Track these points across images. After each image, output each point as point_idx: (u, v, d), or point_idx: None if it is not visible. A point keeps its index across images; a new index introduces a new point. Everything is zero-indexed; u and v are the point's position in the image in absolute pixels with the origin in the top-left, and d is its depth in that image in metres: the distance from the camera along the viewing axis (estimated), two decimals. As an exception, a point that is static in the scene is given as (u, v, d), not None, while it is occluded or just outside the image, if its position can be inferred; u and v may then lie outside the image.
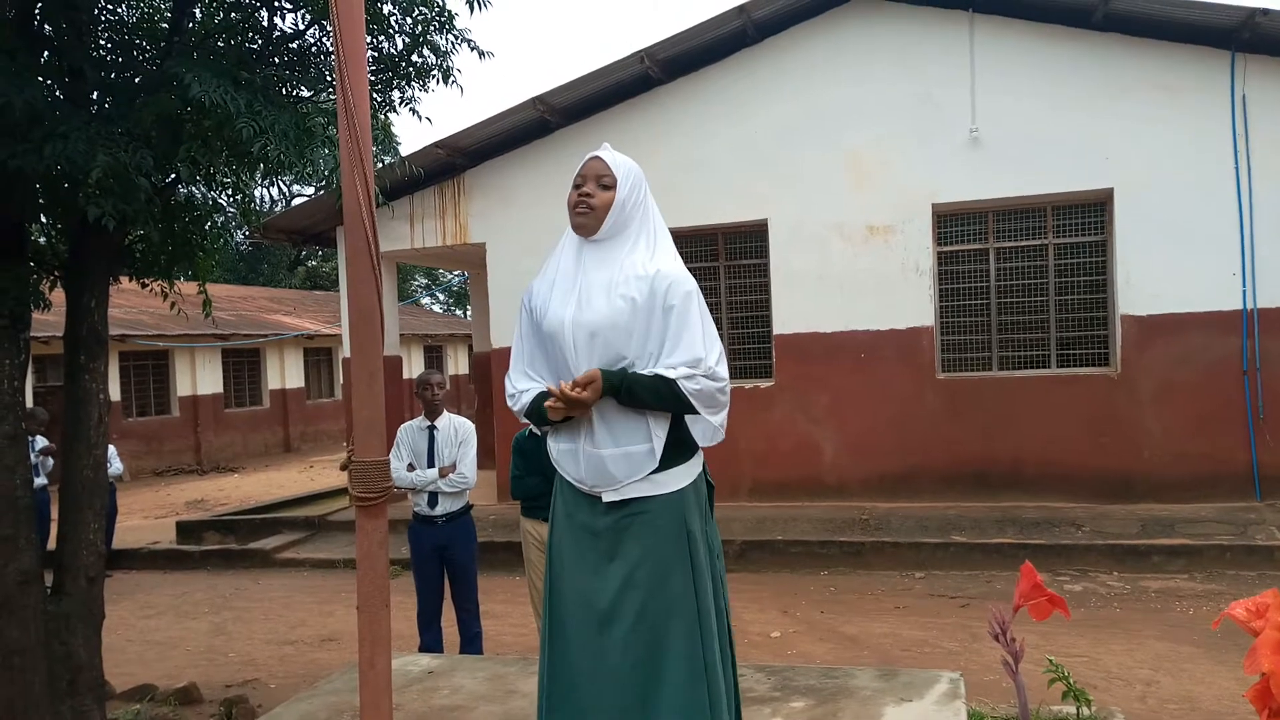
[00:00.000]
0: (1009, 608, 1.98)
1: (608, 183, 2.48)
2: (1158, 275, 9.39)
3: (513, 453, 5.06)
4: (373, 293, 2.32)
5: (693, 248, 10.69)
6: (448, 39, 4.84)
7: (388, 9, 4.69)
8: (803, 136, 10.34)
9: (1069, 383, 9.79)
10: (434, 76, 4.92)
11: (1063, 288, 9.93)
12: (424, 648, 5.47)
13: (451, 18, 4.81)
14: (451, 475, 5.44)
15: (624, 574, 2.41)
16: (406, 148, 14.52)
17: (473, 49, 4.99)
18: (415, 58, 4.85)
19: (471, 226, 11.53)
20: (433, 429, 5.53)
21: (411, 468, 5.48)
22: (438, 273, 35.07)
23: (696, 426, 2.49)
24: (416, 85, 4.96)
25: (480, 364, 14.57)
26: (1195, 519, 8.77)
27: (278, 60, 4.82)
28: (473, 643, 5.61)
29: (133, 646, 7.27)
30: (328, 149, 4.15)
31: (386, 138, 5.49)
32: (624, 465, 2.41)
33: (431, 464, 5.47)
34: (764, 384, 10.56)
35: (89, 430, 4.54)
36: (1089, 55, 9.55)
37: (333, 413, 23.84)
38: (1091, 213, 9.84)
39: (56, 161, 3.71)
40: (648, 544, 2.41)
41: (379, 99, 4.94)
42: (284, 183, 5.40)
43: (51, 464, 7.99)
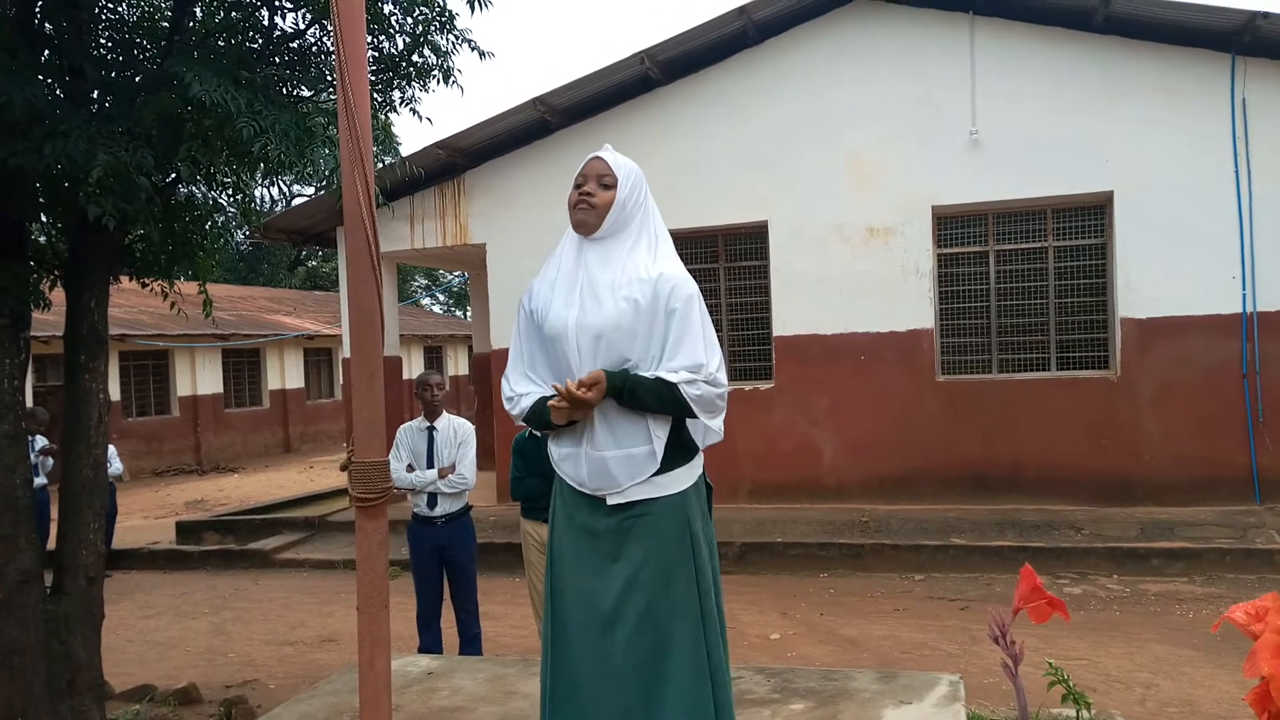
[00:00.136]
0: (1008, 610, 1.98)
1: (609, 182, 2.48)
2: (1158, 278, 9.39)
3: (513, 454, 5.06)
4: (373, 293, 2.32)
5: (693, 249, 10.69)
6: (448, 39, 4.85)
7: (388, 9, 4.70)
8: (803, 138, 10.34)
9: (1069, 385, 9.79)
10: (434, 76, 4.93)
11: (1062, 290, 9.93)
12: (423, 649, 5.47)
13: (452, 18, 4.82)
14: (451, 476, 5.43)
15: (627, 575, 2.40)
16: (407, 148, 14.51)
17: (473, 49, 5.00)
18: (416, 58, 4.86)
19: (472, 227, 11.53)
20: (432, 430, 5.52)
21: (411, 469, 5.47)
22: (438, 273, 35.08)
23: (695, 430, 2.53)
24: (417, 85, 4.97)
25: (480, 365, 14.57)
26: (1195, 522, 8.77)
27: (278, 60, 4.82)
28: (472, 644, 5.61)
29: (132, 646, 7.26)
30: (328, 149, 4.15)
31: (387, 138, 5.49)
32: (626, 467, 2.41)
33: (431, 465, 5.47)
34: (764, 386, 10.56)
35: (89, 430, 4.54)
36: (1089, 58, 9.55)
37: (332, 413, 23.84)
38: (1091, 215, 9.84)
39: (57, 160, 3.71)
40: (650, 546, 2.41)
41: (379, 99, 4.94)
42: (284, 182, 5.40)
43: (51, 464, 7.99)
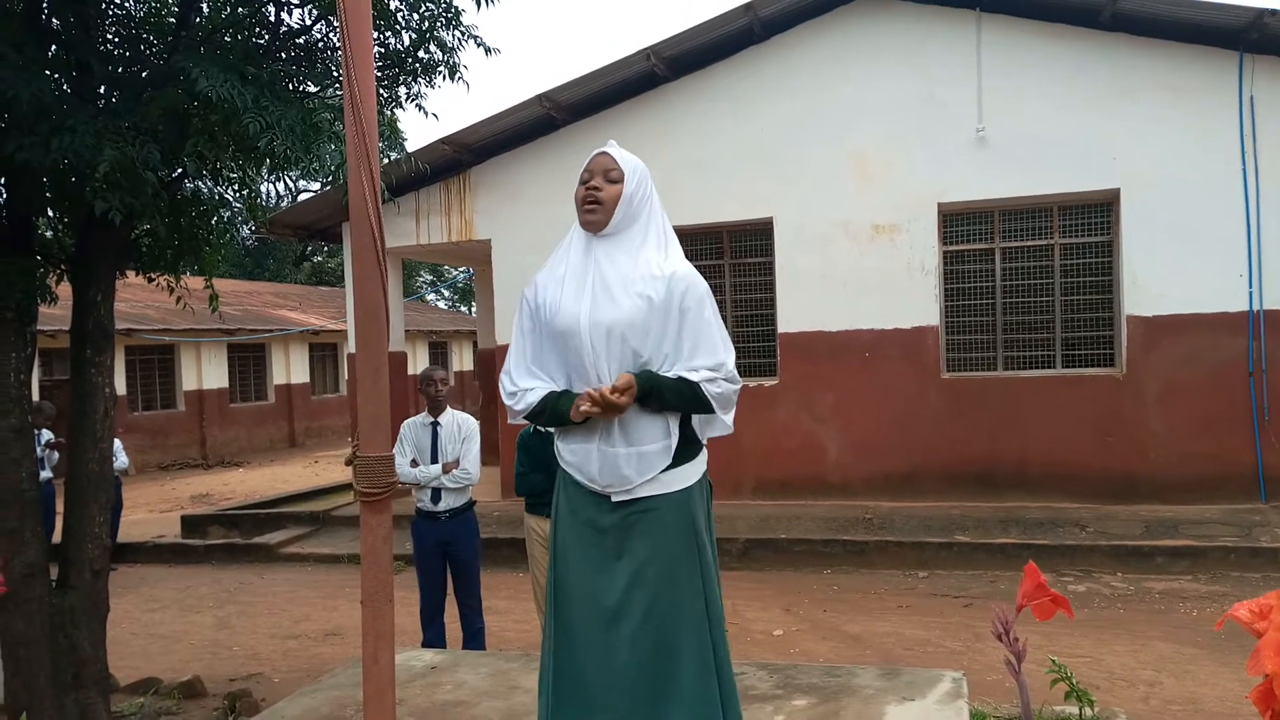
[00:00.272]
0: (1012, 608, 1.98)
1: (615, 177, 2.48)
2: (1164, 276, 9.36)
3: (517, 449, 5.07)
4: (378, 288, 2.32)
5: (698, 246, 10.69)
6: (454, 35, 4.85)
7: (395, 5, 4.70)
8: (809, 135, 10.32)
9: (1074, 383, 9.76)
10: (440, 72, 4.92)
11: (1068, 288, 9.90)
12: (427, 643, 5.48)
13: (458, 14, 4.82)
14: (455, 471, 5.44)
15: (632, 572, 2.40)
16: (413, 144, 14.54)
17: (479, 45, 4.99)
18: (422, 53, 4.86)
19: (477, 223, 11.53)
20: (436, 425, 5.53)
21: (415, 464, 5.48)
22: (443, 269, 35.11)
23: (710, 425, 2.55)
24: (423, 81, 4.97)
25: (485, 360, 14.58)
26: (1200, 520, 8.75)
27: (285, 55, 4.83)
28: (475, 638, 5.62)
29: (137, 640, 7.29)
30: (334, 144, 4.15)
31: (393, 134, 5.51)
32: (638, 464, 2.41)
33: (435, 460, 5.48)
34: (768, 382, 10.55)
35: (95, 424, 4.55)
36: (1096, 55, 9.51)
37: (337, 408, 23.88)
38: (1098, 213, 9.82)
39: (64, 155, 3.72)
40: (656, 542, 2.41)
41: (385, 95, 4.95)
42: (290, 178, 5.42)
43: (57, 457, 8.01)
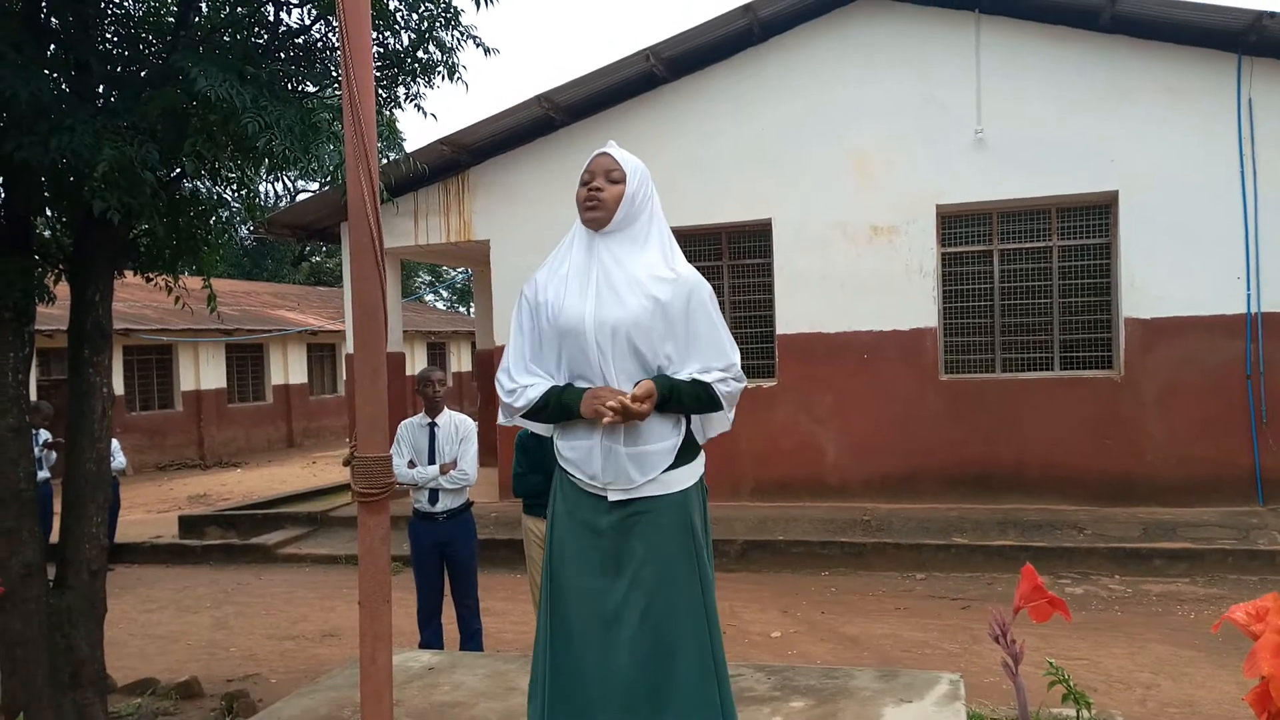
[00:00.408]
0: (1009, 610, 1.98)
1: (616, 177, 2.48)
2: (1162, 278, 9.37)
3: (515, 450, 5.07)
4: (376, 289, 2.31)
5: (696, 247, 10.69)
6: (453, 35, 4.84)
7: (394, 4, 4.70)
8: (808, 136, 10.32)
9: (1072, 385, 9.77)
10: (439, 73, 4.92)
11: (1067, 290, 9.91)
12: (424, 644, 5.48)
13: (457, 14, 4.81)
14: (452, 472, 5.43)
15: (630, 573, 2.40)
16: (411, 144, 14.51)
17: (478, 45, 4.99)
18: (421, 54, 4.86)
19: (476, 223, 11.53)
20: (433, 426, 5.53)
21: (412, 464, 5.48)
22: (441, 269, 35.09)
23: (710, 424, 2.57)
24: (422, 81, 4.97)
25: (483, 361, 14.59)
26: (1197, 523, 8.76)
27: (283, 55, 4.83)
28: (473, 639, 5.62)
29: (134, 640, 7.28)
30: (333, 144, 4.15)
31: (391, 134, 5.49)
32: (641, 463, 2.41)
33: (432, 461, 5.47)
34: (766, 384, 10.55)
35: (92, 424, 4.54)
36: (1095, 57, 9.52)
37: (335, 408, 23.87)
38: (1096, 215, 9.82)
39: (62, 154, 3.72)
40: (653, 543, 2.41)
41: (384, 95, 4.94)
42: (289, 178, 5.41)
43: (55, 457, 8.00)
